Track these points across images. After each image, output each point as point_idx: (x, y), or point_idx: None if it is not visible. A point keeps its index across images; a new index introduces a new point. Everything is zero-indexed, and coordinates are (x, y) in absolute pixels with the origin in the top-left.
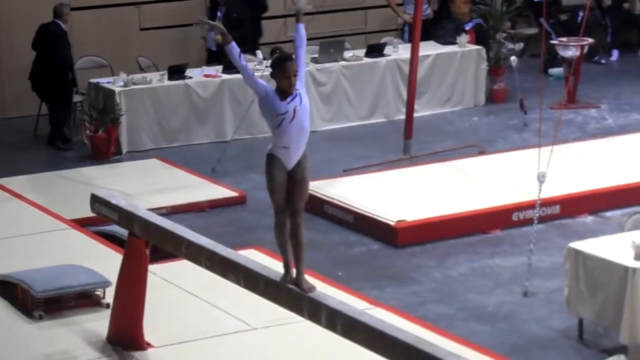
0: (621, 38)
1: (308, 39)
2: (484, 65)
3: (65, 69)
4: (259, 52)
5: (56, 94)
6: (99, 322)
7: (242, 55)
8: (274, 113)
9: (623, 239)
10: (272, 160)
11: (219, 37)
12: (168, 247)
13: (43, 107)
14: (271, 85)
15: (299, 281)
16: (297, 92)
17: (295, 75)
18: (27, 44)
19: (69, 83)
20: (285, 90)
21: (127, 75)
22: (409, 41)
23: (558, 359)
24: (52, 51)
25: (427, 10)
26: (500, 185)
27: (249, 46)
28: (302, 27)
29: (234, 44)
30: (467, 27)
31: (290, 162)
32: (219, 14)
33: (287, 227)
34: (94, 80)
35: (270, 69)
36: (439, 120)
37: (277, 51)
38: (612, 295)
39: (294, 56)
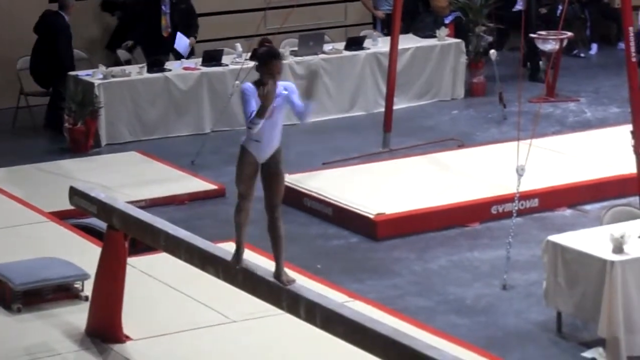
0: (600, 31)
1: (286, 32)
2: (463, 59)
3: (65, 64)
4: (237, 45)
5: (54, 85)
6: (77, 315)
7: (248, 112)
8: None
9: (601, 232)
10: (243, 153)
11: None
12: (147, 240)
13: (21, 99)
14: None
15: (279, 274)
16: (282, 93)
17: (279, 74)
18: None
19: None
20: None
21: (106, 68)
22: (384, 32)
23: (536, 351)
24: (51, 42)
25: None
26: (479, 179)
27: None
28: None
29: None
30: (447, 21)
31: (262, 155)
32: (164, 8)
33: (246, 212)
34: (72, 73)
35: (255, 61)
36: (418, 114)
37: (266, 44)
38: (590, 288)
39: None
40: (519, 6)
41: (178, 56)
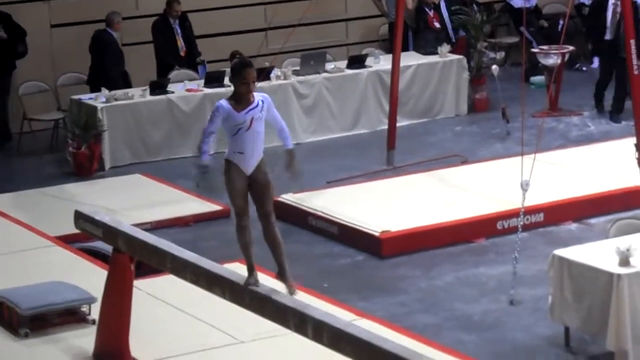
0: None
1: (289, 52)
2: (466, 75)
3: (113, 79)
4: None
5: None
6: (85, 339)
7: (204, 149)
8: (231, 124)
9: (607, 246)
10: (229, 166)
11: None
12: (153, 262)
13: (25, 124)
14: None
15: (285, 278)
16: (260, 102)
17: (254, 82)
18: None
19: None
20: (242, 96)
21: (109, 91)
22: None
23: None
24: (101, 60)
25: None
26: (484, 195)
27: None
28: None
29: (202, 165)
30: (454, 38)
31: (248, 166)
32: (177, 28)
33: (249, 230)
34: (75, 97)
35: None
36: (422, 131)
37: (237, 56)
38: (597, 302)
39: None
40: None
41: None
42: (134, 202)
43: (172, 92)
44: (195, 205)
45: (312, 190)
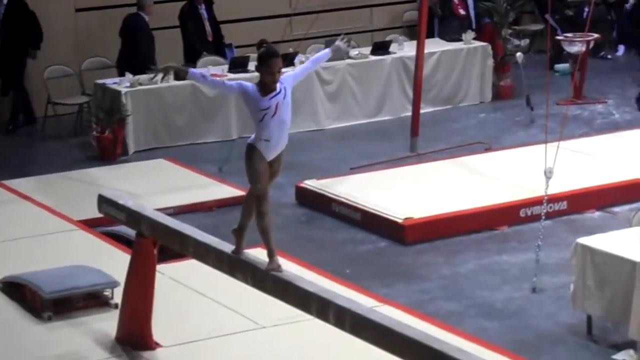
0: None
1: (312, 38)
2: (490, 62)
3: (145, 62)
4: None
5: None
6: (107, 323)
7: (205, 74)
8: (257, 109)
9: (631, 234)
10: (253, 151)
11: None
12: (176, 247)
13: (49, 108)
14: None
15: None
16: (282, 87)
17: (279, 72)
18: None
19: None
20: (267, 85)
21: (133, 76)
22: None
23: (567, 354)
24: (132, 44)
25: None
26: (507, 182)
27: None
28: (327, 54)
29: (191, 71)
30: (483, 22)
31: (270, 154)
32: (204, 13)
33: (268, 215)
34: (100, 81)
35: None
36: (446, 118)
37: (264, 45)
38: (620, 290)
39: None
40: None
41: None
42: (157, 186)
43: None
44: (218, 191)
45: (335, 176)
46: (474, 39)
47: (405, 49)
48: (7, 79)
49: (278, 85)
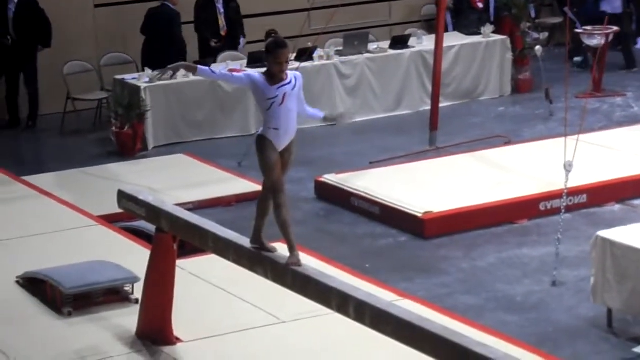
0: None
1: (331, 32)
2: (509, 55)
3: (183, 51)
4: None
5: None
6: (128, 318)
7: (213, 69)
8: (264, 97)
9: None
10: (263, 141)
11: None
12: (195, 242)
13: (69, 104)
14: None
15: (262, 242)
16: (294, 79)
17: (287, 62)
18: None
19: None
20: (274, 75)
21: (152, 71)
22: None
23: (587, 348)
24: (164, 34)
25: None
26: (527, 175)
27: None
28: (318, 116)
29: (199, 67)
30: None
31: (280, 144)
32: (220, 7)
33: (287, 208)
34: (119, 77)
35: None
36: (464, 111)
37: (273, 35)
38: None
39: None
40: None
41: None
42: (176, 181)
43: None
44: (238, 185)
45: (354, 170)
46: (493, 32)
47: (424, 43)
48: (18, 76)
49: (289, 75)
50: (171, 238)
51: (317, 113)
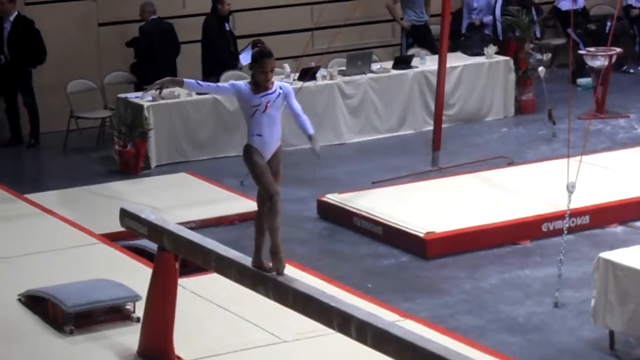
0: None
1: (335, 52)
2: (512, 76)
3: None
4: (286, 66)
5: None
6: (129, 336)
7: (199, 81)
8: (248, 105)
9: None
10: (250, 149)
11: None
12: (197, 261)
13: (72, 122)
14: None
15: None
16: (279, 90)
17: (272, 71)
18: (54, 60)
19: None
20: (260, 84)
21: (155, 90)
22: (406, 47)
23: None
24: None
25: (424, 17)
26: (529, 196)
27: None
28: (308, 129)
29: (186, 81)
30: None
31: (266, 150)
32: (226, 25)
33: (281, 215)
34: (122, 95)
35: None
36: (467, 132)
37: (259, 45)
38: None
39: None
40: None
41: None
42: (179, 200)
43: None
44: (240, 204)
45: (357, 190)
46: (497, 53)
47: (427, 63)
48: (16, 94)
49: (275, 85)
50: (173, 257)
51: (308, 128)
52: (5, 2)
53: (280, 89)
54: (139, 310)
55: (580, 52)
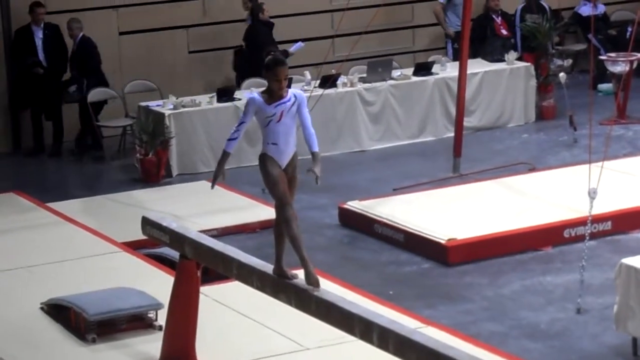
0: None
1: (356, 59)
2: (533, 82)
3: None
4: (307, 73)
5: None
6: (151, 345)
7: (230, 137)
8: (263, 116)
9: None
10: (265, 158)
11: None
12: (219, 269)
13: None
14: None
15: (283, 271)
16: (294, 99)
17: (285, 79)
18: None
19: None
20: (274, 92)
21: (177, 98)
22: (453, 57)
23: None
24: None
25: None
26: (551, 202)
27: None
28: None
29: (226, 150)
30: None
31: (282, 159)
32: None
33: (297, 222)
34: (143, 104)
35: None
36: (488, 138)
37: (271, 54)
38: None
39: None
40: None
41: None
42: (200, 208)
43: (239, 99)
44: (261, 212)
45: (378, 197)
46: (517, 59)
47: (448, 70)
48: (45, 104)
49: (289, 93)
50: (195, 265)
51: (313, 144)
52: (41, 12)
53: (295, 96)
54: (161, 319)
55: (601, 57)
